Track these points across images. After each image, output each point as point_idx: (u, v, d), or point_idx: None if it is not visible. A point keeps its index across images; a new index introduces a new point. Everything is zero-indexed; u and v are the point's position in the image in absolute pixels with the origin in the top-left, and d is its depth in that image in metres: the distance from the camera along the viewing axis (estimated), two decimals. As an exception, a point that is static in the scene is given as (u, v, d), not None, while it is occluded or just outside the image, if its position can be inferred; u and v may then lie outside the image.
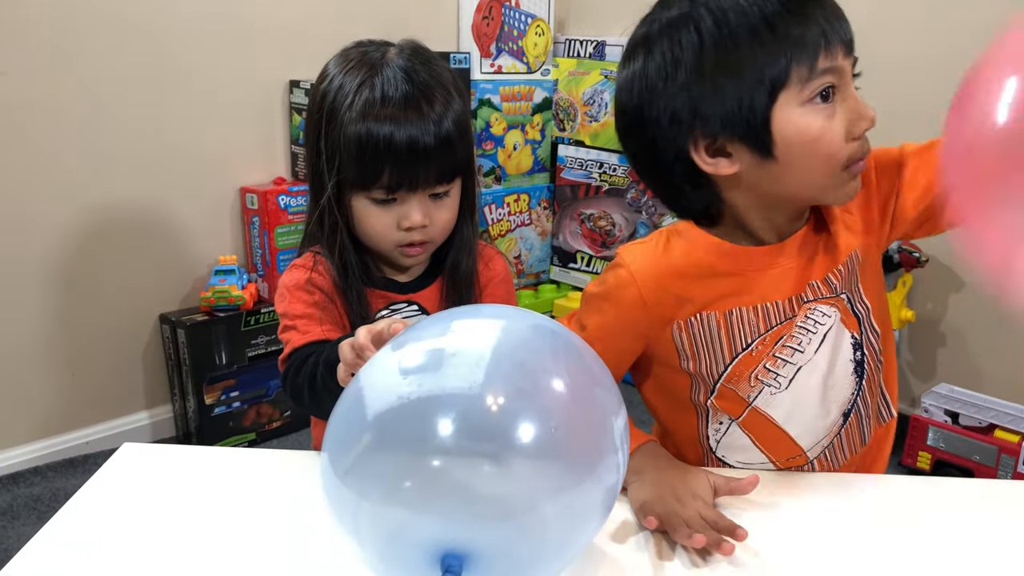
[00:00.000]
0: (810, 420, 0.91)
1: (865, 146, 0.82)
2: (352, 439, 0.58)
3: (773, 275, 0.89)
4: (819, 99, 0.79)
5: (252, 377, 2.16)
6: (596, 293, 0.93)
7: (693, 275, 0.89)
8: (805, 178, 0.83)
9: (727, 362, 0.90)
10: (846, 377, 0.91)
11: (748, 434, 0.92)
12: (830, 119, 0.80)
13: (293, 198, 2.17)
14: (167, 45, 2.02)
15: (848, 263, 0.90)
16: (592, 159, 2.52)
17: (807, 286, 0.89)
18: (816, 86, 0.79)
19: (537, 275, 2.71)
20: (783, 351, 0.89)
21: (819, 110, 0.79)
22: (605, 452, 0.59)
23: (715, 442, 0.94)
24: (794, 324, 0.89)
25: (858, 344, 0.91)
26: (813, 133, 0.79)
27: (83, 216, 1.97)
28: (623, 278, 0.90)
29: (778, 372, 0.89)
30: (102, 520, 0.79)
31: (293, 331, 0.97)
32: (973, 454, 1.88)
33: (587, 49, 2.59)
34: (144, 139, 2.02)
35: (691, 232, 0.91)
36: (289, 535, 0.77)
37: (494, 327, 0.61)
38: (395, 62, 0.96)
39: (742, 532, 0.73)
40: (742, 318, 0.89)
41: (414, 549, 0.56)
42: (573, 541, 0.61)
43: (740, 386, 0.90)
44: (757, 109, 0.79)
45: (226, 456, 0.94)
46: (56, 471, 1.97)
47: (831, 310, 0.89)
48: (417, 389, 0.56)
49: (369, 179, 0.95)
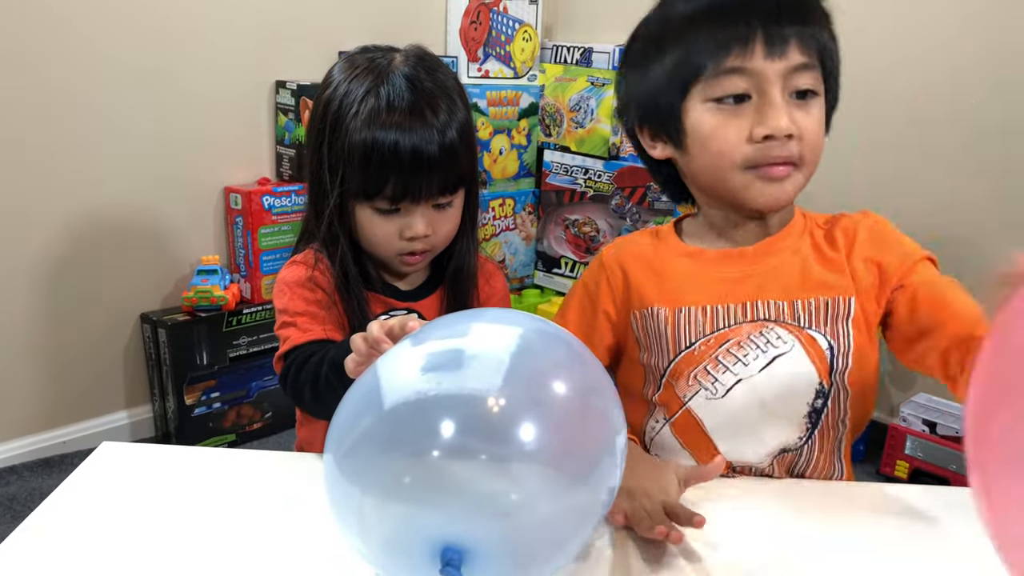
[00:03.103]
0: (740, 440, 0.91)
1: (770, 155, 0.83)
2: (365, 429, 0.59)
3: (727, 278, 0.91)
4: (731, 100, 0.83)
5: (233, 378, 2.15)
6: (577, 281, 1.00)
7: (654, 270, 0.95)
8: (709, 173, 0.87)
9: (671, 357, 0.92)
10: (794, 416, 0.89)
11: (677, 437, 0.93)
12: (730, 118, 0.83)
13: (277, 199, 2.16)
14: (153, 45, 2.01)
15: (832, 304, 0.89)
16: (577, 165, 2.52)
17: (767, 303, 0.90)
18: (723, 85, 0.82)
19: (521, 280, 2.71)
20: (727, 357, 0.90)
21: (720, 109, 0.83)
22: (607, 466, 0.60)
23: (649, 439, 0.96)
24: (743, 334, 0.90)
25: (823, 393, 0.89)
26: (705, 131, 0.84)
27: (65, 214, 1.96)
28: (594, 265, 0.99)
29: (717, 377, 0.90)
30: (78, 520, 0.78)
31: (293, 328, 0.96)
32: (950, 463, 1.90)
33: (574, 55, 2.60)
34: (129, 138, 2.01)
35: (667, 236, 0.98)
36: (268, 536, 0.76)
37: (513, 333, 0.62)
38: (401, 70, 0.95)
39: (699, 520, 0.73)
40: (689, 316, 0.91)
41: (416, 542, 0.56)
42: (571, 541, 0.62)
43: (679, 383, 0.91)
44: (669, 101, 0.86)
45: (206, 456, 0.93)
46: (32, 471, 1.95)
47: (790, 337, 0.89)
48: (436, 387, 0.57)
49: (373, 189, 0.94)
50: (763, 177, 0.85)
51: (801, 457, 0.92)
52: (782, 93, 0.82)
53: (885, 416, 2.08)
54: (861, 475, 1.94)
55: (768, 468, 0.92)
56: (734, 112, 0.83)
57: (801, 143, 0.84)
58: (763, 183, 0.85)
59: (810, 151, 0.85)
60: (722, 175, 0.86)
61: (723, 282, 0.91)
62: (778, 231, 0.92)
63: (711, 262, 0.93)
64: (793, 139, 0.83)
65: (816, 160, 0.87)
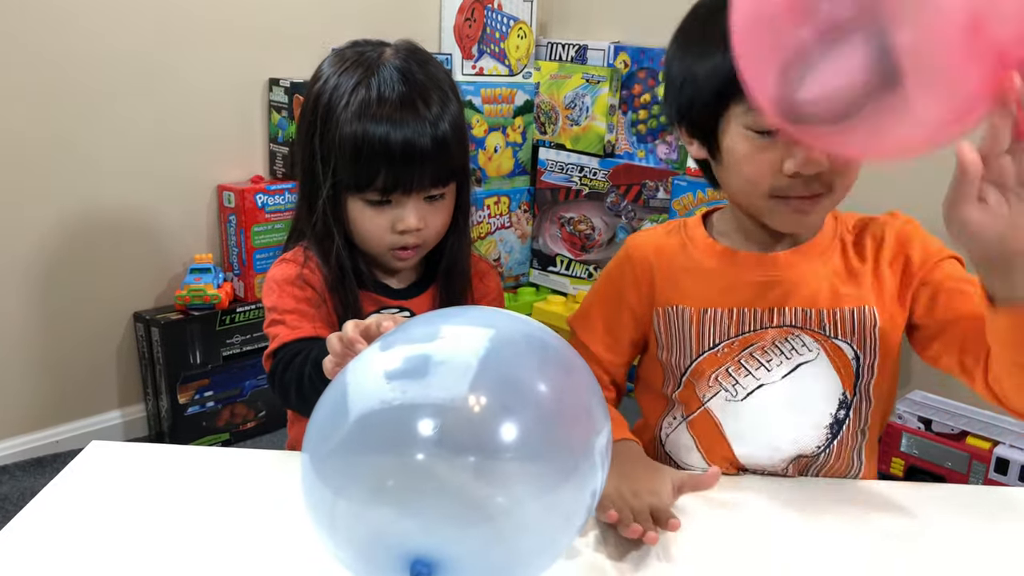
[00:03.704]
0: (757, 445, 0.90)
1: (797, 188, 0.81)
2: (333, 438, 0.57)
3: (755, 282, 0.90)
4: (767, 135, 0.80)
5: (226, 377, 2.14)
6: (602, 272, 1.00)
7: (679, 266, 0.93)
8: (739, 192, 0.87)
9: (693, 357, 0.91)
10: (814, 426, 0.89)
11: (693, 435, 0.93)
12: (761, 151, 0.81)
13: (271, 196, 2.15)
14: (145, 43, 1.99)
15: (859, 314, 0.88)
16: (573, 163, 2.52)
17: (795, 309, 0.89)
18: (756, 120, 0.79)
19: (517, 278, 2.71)
20: (750, 361, 0.89)
21: (754, 139, 0.81)
22: (584, 470, 0.59)
23: (665, 435, 0.96)
24: (768, 339, 0.89)
25: (846, 404, 0.89)
26: (739, 155, 0.83)
27: (57, 213, 1.95)
28: (621, 256, 0.98)
29: (738, 380, 0.90)
30: (66, 520, 0.77)
31: (281, 326, 0.96)
32: (945, 460, 1.90)
33: (569, 53, 2.59)
34: (121, 136, 2.00)
35: (695, 230, 0.95)
36: (257, 536, 0.76)
37: (483, 335, 0.60)
38: (392, 62, 0.95)
39: (675, 523, 0.73)
40: (715, 318, 0.90)
41: (387, 550, 0.55)
42: (547, 548, 0.60)
43: (700, 383, 0.91)
44: (709, 114, 0.83)
45: (196, 455, 0.93)
46: (25, 470, 1.94)
47: (815, 345, 0.88)
48: (401, 395, 0.56)
49: (364, 181, 0.94)
50: (797, 208, 0.84)
51: (816, 462, 0.91)
52: None
53: (881, 414, 2.08)
54: (857, 473, 1.94)
55: (782, 471, 0.91)
56: (763, 145, 0.81)
57: (832, 173, 0.81)
58: (788, 212, 0.84)
59: (841, 181, 0.83)
60: (749, 199, 0.86)
61: (751, 286, 0.90)
62: (809, 237, 0.91)
63: (741, 265, 0.91)
64: (824, 172, 0.81)
65: (848, 186, 0.84)
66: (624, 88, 2.44)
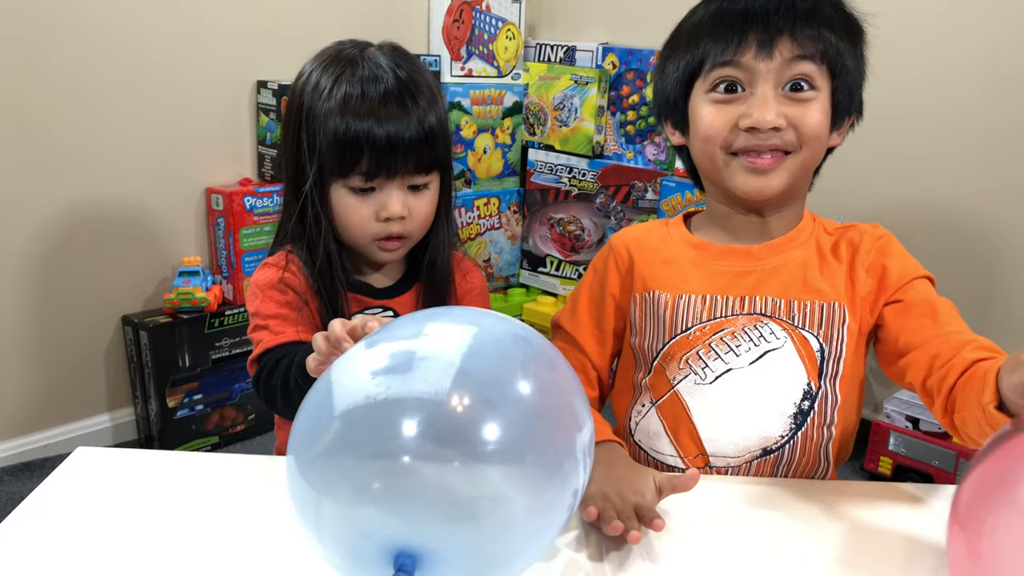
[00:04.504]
0: (722, 430, 0.92)
1: (751, 142, 0.87)
2: (318, 435, 0.58)
3: (729, 272, 0.94)
4: (722, 88, 0.89)
5: (215, 380, 2.13)
6: (588, 268, 1.04)
7: (659, 257, 0.98)
8: (702, 156, 0.93)
9: (666, 340, 0.94)
10: (778, 415, 0.91)
11: (662, 419, 0.94)
12: (723, 106, 0.89)
13: (259, 199, 2.15)
14: (133, 45, 1.99)
15: (827, 309, 0.91)
16: (562, 164, 2.52)
17: (765, 299, 0.92)
18: (714, 77, 0.88)
19: (507, 279, 2.71)
20: (719, 345, 0.92)
21: (715, 99, 0.89)
22: (567, 467, 0.59)
23: (635, 424, 0.97)
24: (738, 325, 0.91)
25: (810, 395, 0.91)
26: (699, 116, 0.91)
27: (45, 215, 1.94)
28: (604, 249, 1.03)
29: (707, 363, 0.92)
30: (51, 527, 0.77)
31: (265, 331, 0.96)
32: (933, 459, 1.91)
33: (557, 54, 2.59)
34: (109, 139, 1.99)
35: (676, 226, 1.01)
36: (246, 542, 0.75)
37: (467, 333, 0.61)
38: (376, 58, 0.97)
39: (659, 523, 0.74)
40: (689, 303, 0.94)
41: (370, 546, 0.56)
42: (530, 545, 0.60)
43: (670, 365, 0.93)
44: (677, 95, 0.93)
45: (183, 461, 0.92)
46: (12, 475, 1.93)
47: (782, 334, 0.91)
48: (385, 390, 0.56)
49: (348, 167, 0.94)
50: (748, 167, 0.88)
51: (782, 460, 0.92)
52: (775, 88, 0.87)
53: (869, 412, 2.09)
54: (844, 471, 1.95)
55: (745, 469, 0.92)
56: (727, 101, 0.88)
57: (796, 133, 0.87)
58: (747, 173, 0.89)
59: (805, 142, 0.87)
60: (711, 158, 0.91)
61: (725, 275, 0.94)
62: (784, 233, 0.95)
63: (716, 255, 0.96)
64: (782, 131, 0.86)
65: (813, 152, 0.89)
66: (612, 89, 2.44)
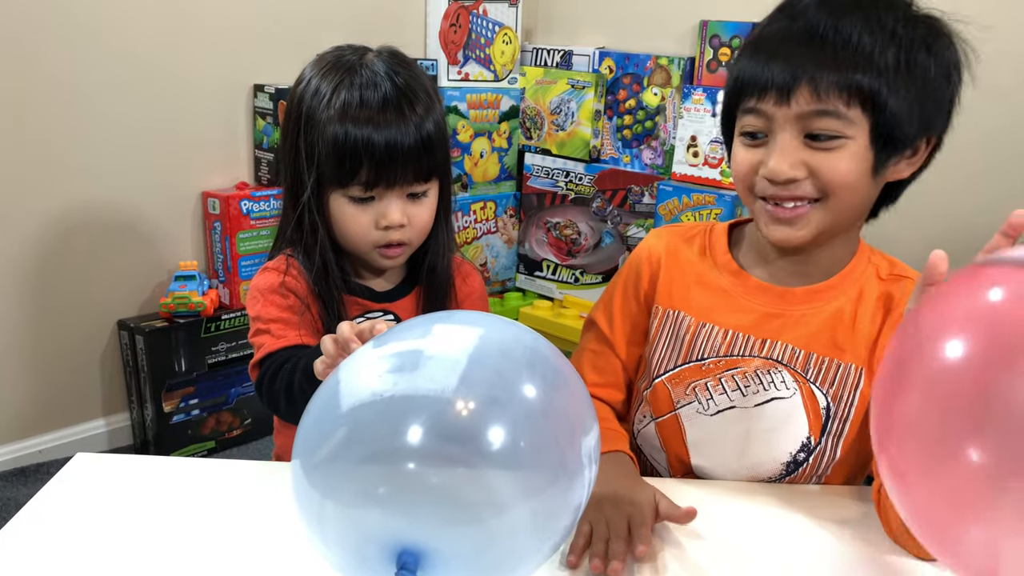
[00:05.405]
0: (716, 461, 0.92)
1: (769, 190, 0.84)
2: (325, 432, 0.58)
3: (758, 310, 0.91)
4: (747, 137, 0.86)
5: (212, 385, 2.13)
6: (622, 267, 1.03)
7: (693, 275, 0.95)
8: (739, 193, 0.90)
9: (679, 362, 0.93)
10: (772, 460, 0.91)
11: (659, 436, 0.95)
12: (747, 148, 0.86)
13: (255, 203, 2.14)
14: (130, 48, 1.98)
15: (843, 370, 0.88)
16: (558, 168, 2.52)
17: (785, 346, 0.89)
18: (745, 123, 0.86)
19: (503, 283, 2.71)
20: (729, 381, 0.91)
21: (745, 142, 0.87)
22: (572, 469, 0.59)
23: (637, 430, 0.98)
24: (752, 366, 0.90)
25: (808, 448, 0.90)
26: (733, 149, 0.89)
27: (40, 219, 1.93)
28: (640, 249, 1.01)
29: (713, 396, 0.92)
30: (52, 533, 0.77)
31: (266, 335, 0.96)
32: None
33: (554, 58, 2.60)
34: (106, 143, 1.99)
35: (719, 238, 0.97)
36: (244, 549, 0.75)
37: (474, 334, 0.61)
38: (374, 65, 0.96)
39: (642, 549, 0.72)
40: (710, 333, 0.92)
41: (373, 545, 0.56)
42: (533, 550, 0.60)
43: (676, 389, 0.93)
44: (725, 128, 0.91)
45: (182, 467, 0.92)
46: (7, 480, 1.92)
47: (793, 385, 0.89)
48: (392, 388, 0.56)
49: (347, 176, 0.94)
50: (772, 215, 0.86)
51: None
52: (797, 136, 0.82)
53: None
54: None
55: None
56: (752, 145, 0.86)
57: (819, 182, 0.82)
58: (774, 222, 0.86)
59: (831, 191, 0.83)
60: (744, 199, 0.90)
61: (754, 313, 0.91)
62: (828, 274, 0.91)
63: (751, 290, 0.93)
64: (804, 181, 0.82)
65: (843, 200, 0.84)
66: (609, 93, 2.45)
